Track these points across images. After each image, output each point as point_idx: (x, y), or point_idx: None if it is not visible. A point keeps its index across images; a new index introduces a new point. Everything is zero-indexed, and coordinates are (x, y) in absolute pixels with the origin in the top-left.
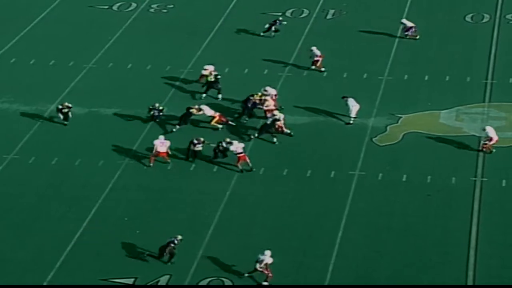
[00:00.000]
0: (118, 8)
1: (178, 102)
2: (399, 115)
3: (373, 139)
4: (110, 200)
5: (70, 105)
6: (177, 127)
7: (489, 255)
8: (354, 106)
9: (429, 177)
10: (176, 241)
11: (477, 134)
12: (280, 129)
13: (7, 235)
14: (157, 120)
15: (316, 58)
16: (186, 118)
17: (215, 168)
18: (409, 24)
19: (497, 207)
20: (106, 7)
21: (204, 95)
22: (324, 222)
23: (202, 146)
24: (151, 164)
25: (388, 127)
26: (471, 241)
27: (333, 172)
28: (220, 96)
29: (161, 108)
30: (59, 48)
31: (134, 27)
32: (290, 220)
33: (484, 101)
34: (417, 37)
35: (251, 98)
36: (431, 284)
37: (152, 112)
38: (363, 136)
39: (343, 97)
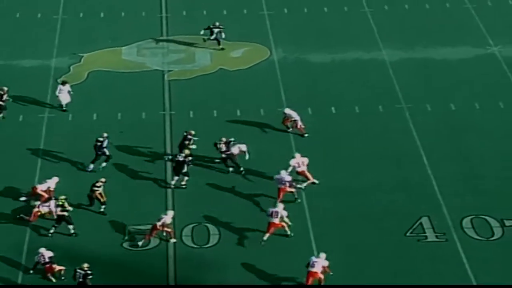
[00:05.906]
0: None
1: None
2: (81, 54)
3: (58, 80)
4: None
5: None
6: None
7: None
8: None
9: (119, 114)
10: None
11: (159, 68)
12: None
13: None
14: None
15: None
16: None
17: None
18: None
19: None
20: None
21: None
22: None
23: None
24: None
25: (71, 67)
26: (167, 174)
27: (21, 116)
28: None
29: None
30: None
31: None
32: None
33: (162, 35)
34: None
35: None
36: (434, 284)
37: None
38: (47, 77)
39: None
